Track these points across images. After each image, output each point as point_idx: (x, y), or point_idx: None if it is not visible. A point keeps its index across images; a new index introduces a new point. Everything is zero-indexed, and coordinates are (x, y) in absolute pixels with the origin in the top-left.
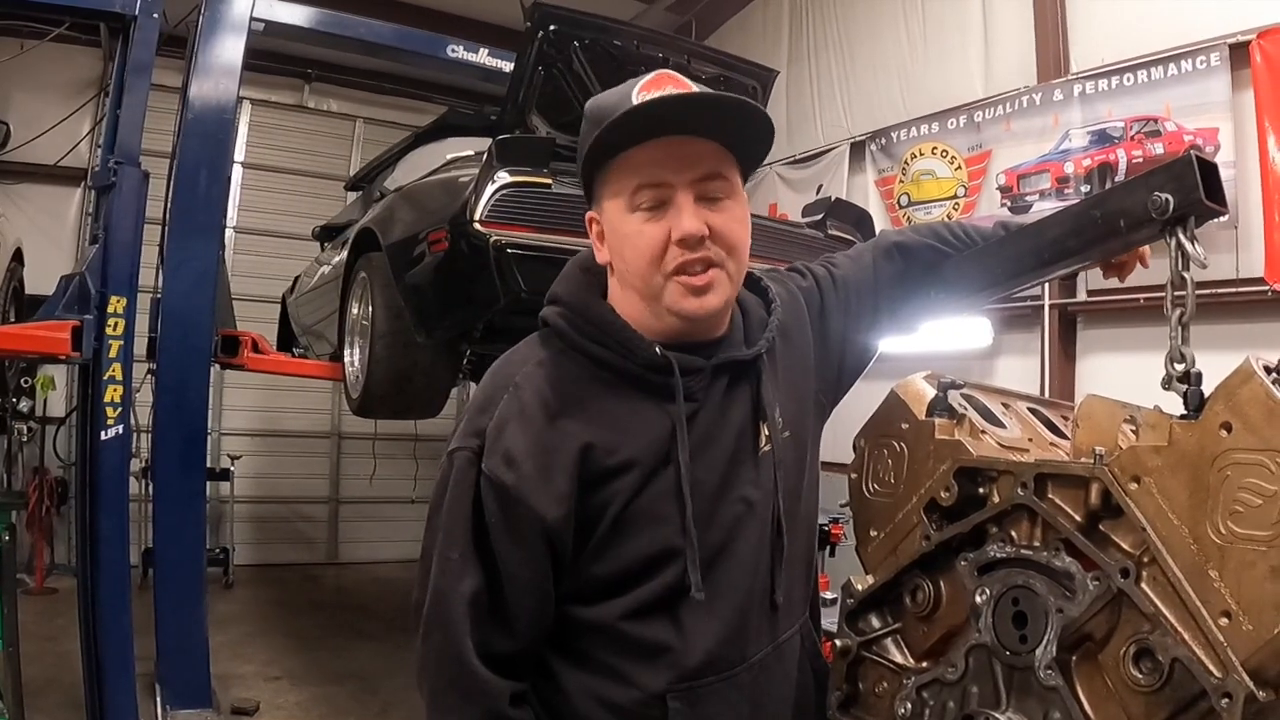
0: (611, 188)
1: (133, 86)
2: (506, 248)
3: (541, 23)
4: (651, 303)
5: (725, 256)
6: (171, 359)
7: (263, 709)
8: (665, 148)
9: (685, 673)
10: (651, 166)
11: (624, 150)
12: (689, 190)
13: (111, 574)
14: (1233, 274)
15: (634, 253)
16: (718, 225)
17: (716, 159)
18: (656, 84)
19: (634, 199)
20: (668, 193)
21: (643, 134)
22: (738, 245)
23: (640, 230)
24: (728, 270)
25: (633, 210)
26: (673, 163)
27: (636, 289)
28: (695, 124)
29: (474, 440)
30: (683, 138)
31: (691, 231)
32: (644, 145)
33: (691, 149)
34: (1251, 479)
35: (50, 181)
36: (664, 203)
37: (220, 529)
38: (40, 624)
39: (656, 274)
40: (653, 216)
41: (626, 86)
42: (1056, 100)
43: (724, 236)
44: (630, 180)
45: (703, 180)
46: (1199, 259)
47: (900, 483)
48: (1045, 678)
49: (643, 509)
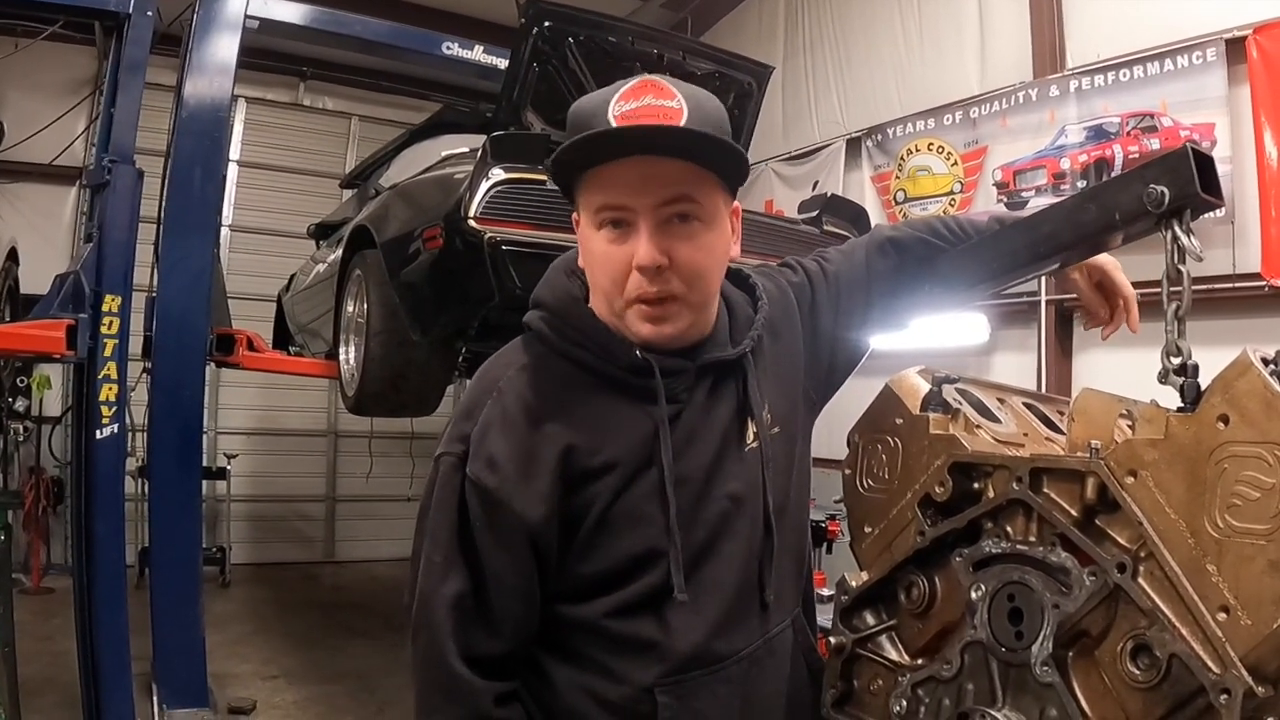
0: (582, 199)
1: (127, 85)
2: (501, 244)
3: (536, 19)
4: (614, 319)
5: (685, 289)
6: (167, 357)
7: (260, 708)
8: (634, 167)
9: (673, 667)
10: (615, 188)
11: (593, 166)
12: (650, 215)
13: (107, 573)
14: (1229, 269)
15: (599, 271)
16: (679, 256)
17: (687, 181)
18: (636, 93)
19: (598, 216)
20: (629, 215)
21: (611, 153)
22: (701, 274)
23: (605, 251)
24: (688, 301)
25: (598, 228)
26: (637, 184)
27: (602, 304)
28: (664, 147)
29: (459, 445)
30: (652, 157)
31: (646, 263)
32: (613, 162)
33: (659, 170)
34: (1249, 472)
35: (45, 180)
36: (628, 224)
37: (217, 528)
38: (37, 623)
39: (618, 297)
40: (617, 237)
41: (607, 93)
42: (1053, 96)
43: (684, 267)
44: (596, 197)
45: (668, 204)
46: (1195, 252)
47: (895, 478)
48: (1041, 674)
49: (626, 510)
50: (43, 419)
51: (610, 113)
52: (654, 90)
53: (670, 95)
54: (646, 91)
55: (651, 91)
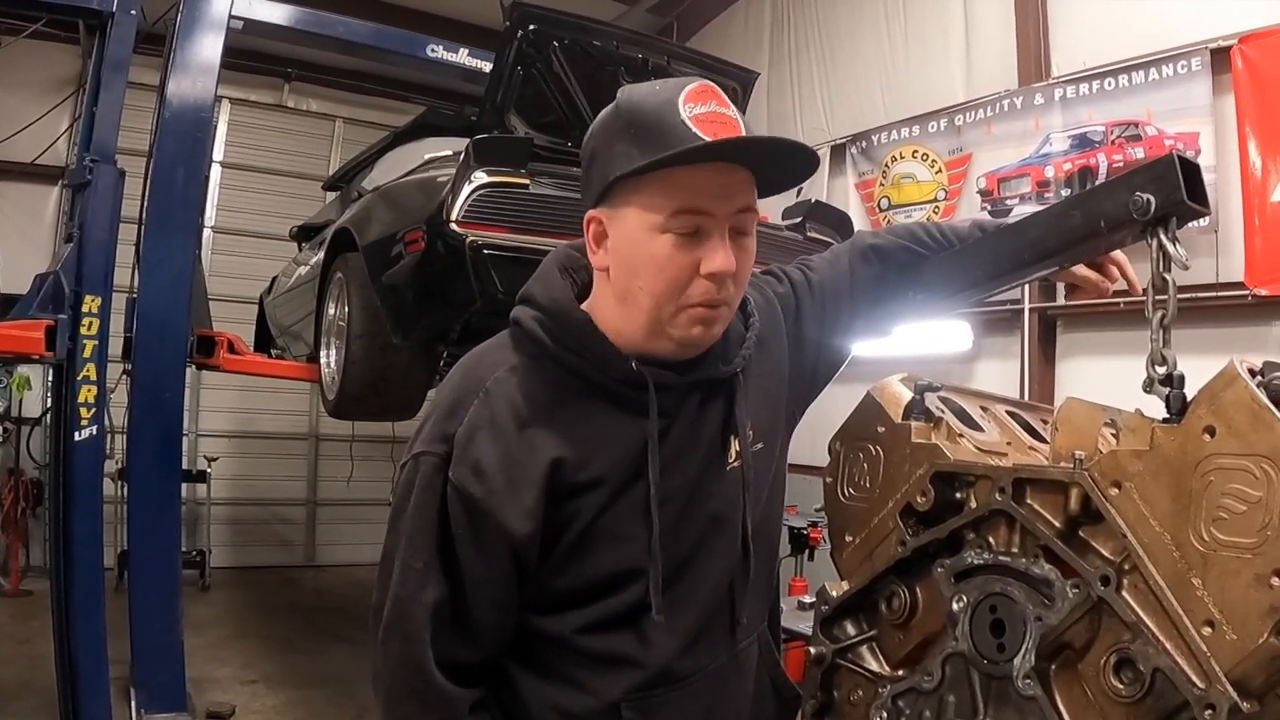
0: (643, 200)
1: (110, 84)
2: (483, 248)
3: (520, 22)
4: (653, 324)
5: (735, 296)
6: (147, 359)
7: (239, 713)
8: (713, 175)
9: (641, 683)
10: (696, 193)
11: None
12: (726, 223)
13: (85, 576)
14: (1213, 278)
15: (656, 276)
16: (741, 264)
17: (750, 191)
18: (700, 97)
19: (670, 221)
20: (707, 222)
21: (699, 156)
22: (746, 280)
23: (670, 256)
24: (732, 306)
25: (664, 231)
26: (718, 191)
27: (643, 308)
28: (744, 156)
29: (441, 446)
30: (727, 166)
31: (725, 270)
32: (692, 166)
33: (734, 179)
34: (1236, 484)
35: (27, 179)
36: (699, 231)
37: (197, 531)
38: (15, 626)
39: (673, 302)
40: (684, 243)
41: (668, 92)
42: (1037, 104)
43: (740, 275)
44: (670, 200)
45: (739, 213)
46: (1181, 260)
47: (876, 487)
48: (1023, 687)
49: (608, 526)
50: (22, 420)
51: (682, 115)
52: (715, 97)
53: (728, 104)
54: (710, 97)
55: (714, 98)
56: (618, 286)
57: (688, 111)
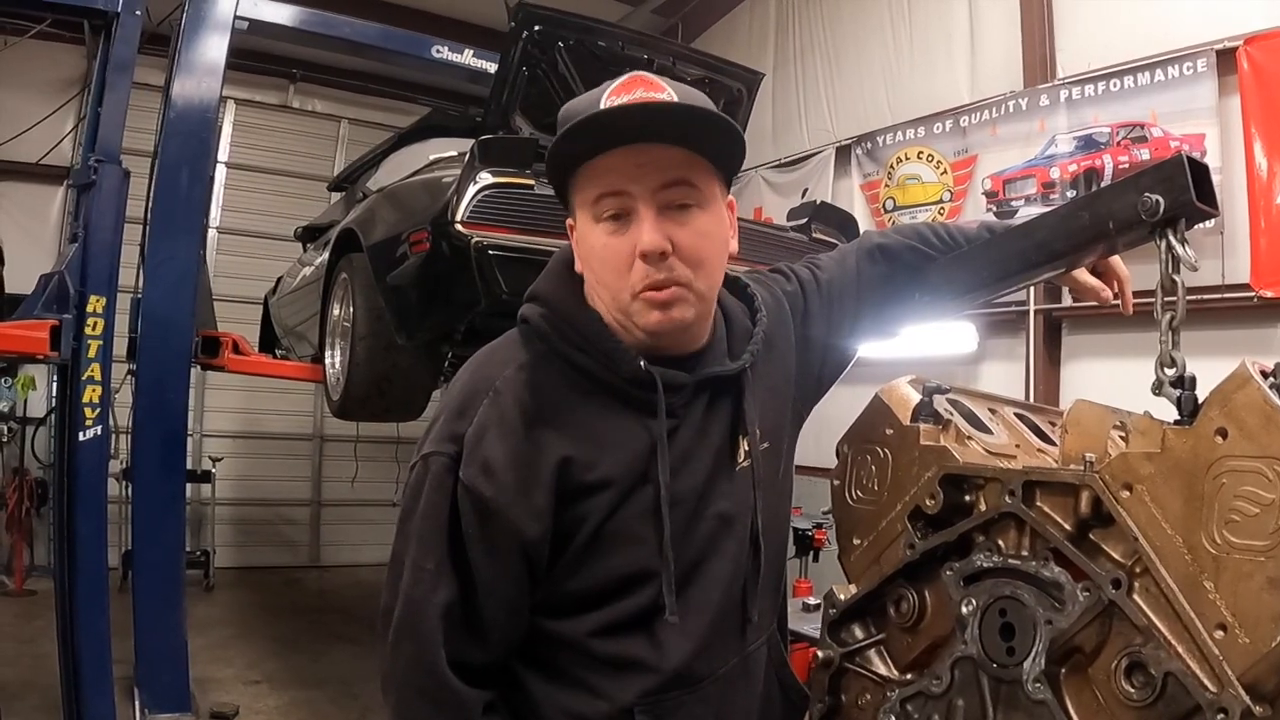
0: (579, 196)
1: (114, 84)
2: (488, 249)
3: (525, 23)
4: (621, 316)
5: (690, 275)
6: (151, 359)
7: (242, 713)
8: (627, 155)
9: (654, 687)
10: (612, 175)
11: (589, 159)
12: (651, 200)
13: (89, 576)
14: (1219, 280)
15: (600, 265)
16: (681, 240)
17: (683, 166)
18: (627, 87)
19: (596, 208)
20: (629, 202)
21: (605, 142)
22: (705, 260)
23: (606, 243)
24: (693, 288)
25: (597, 221)
26: (632, 170)
27: (605, 301)
28: (658, 131)
29: (451, 446)
30: (646, 145)
31: (650, 247)
32: (607, 154)
33: (654, 156)
34: (1248, 487)
35: (32, 180)
36: (627, 213)
37: (201, 531)
38: (19, 626)
39: (624, 289)
40: (617, 229)
41: (598, 91)
42: (1043, 105)
43: (687, 252)
44: (593, 189)
45: (665, 188)
46: (1190, 261)
47: (884, 490)
48: (1033, 691)
49: (619, 528)
50: (27, 420)
51: (601, 107)
52: (644, 84)
53: (660, 88)
54: (636, 85)
55: (641, 85)
56: (589, 285)
57: (608, 104)
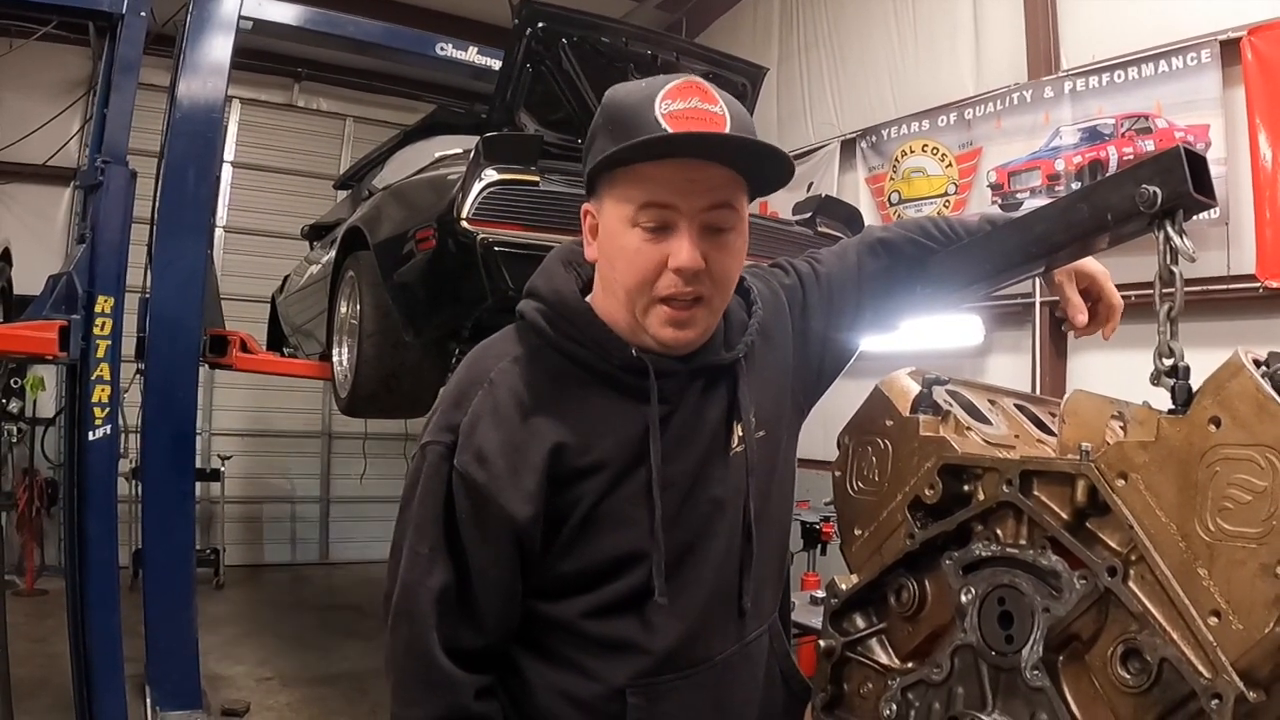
0: (617, 193)
1: (120, 85)
2: (494, 246)
3: (530, 20)
4: (631, 316)
5: (713, 292)
6: (160, 359)
7: (253, 710)
8: (680, 170)
9: (646, 669)
10: (662, 187)
11: (638, 162)
12: (695, 219)
13: (100, 575)
14: (1223, 271)
15: (627, 268)
16: (715, 262)
17: (728, 188)
18: (682, 93)
19: (638, 214)
20: (673, 216)
21: (661, 153)
22: (728, 279)
23: (639, 249)
24: (711, 305)
25: (634, 225)
26: (682, 185)
27: (619, 300)
28: (716, 152)
29: (447, 435)
30: (699, 162)
31: (688, 266)
32: (659, 161)
33: (705, 175)
34: (1241, 475)
35: (39, 181)
36: (667, 225)
37: (211, 529)
38: (30, 625)
39: (644, 295)
40: (653, 238)
41: (650, 88)
42: (1047, 97)
43: (717, 272)
44: (637, 194)
45: (710, 210)
46: (1187, 253)
47: (884, 480)
48: (1031, 678)
49: (611, 510)
50: (36, 420)
51: (657, 110)
52: (700, 93)
53: (714, 100)
54: (693, 93)
55: (698, 94)
56: (603, 277)
57: (664, 107)
